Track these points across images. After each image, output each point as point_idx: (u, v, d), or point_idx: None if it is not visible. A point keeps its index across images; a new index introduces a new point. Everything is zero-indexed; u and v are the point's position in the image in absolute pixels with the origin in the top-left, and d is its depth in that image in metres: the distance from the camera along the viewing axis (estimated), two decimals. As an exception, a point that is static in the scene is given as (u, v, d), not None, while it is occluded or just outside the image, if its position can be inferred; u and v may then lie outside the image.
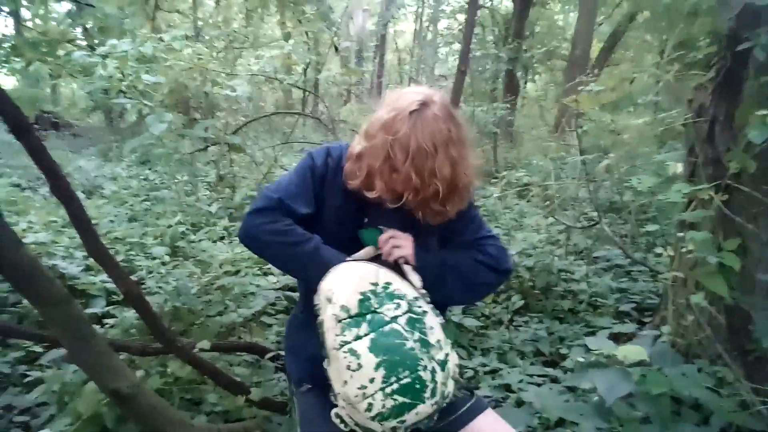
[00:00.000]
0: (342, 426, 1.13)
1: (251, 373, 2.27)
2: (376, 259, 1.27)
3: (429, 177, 1.16)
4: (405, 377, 1.08)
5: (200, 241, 3.87)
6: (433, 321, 1.18)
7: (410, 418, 1.09)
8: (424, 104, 1.18)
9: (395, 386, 1.07)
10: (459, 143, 1.21)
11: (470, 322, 3.04)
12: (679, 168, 2.22)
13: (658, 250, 3.47)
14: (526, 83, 14.31)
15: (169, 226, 3.96)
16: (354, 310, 1.12)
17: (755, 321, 1.93)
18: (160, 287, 2.58)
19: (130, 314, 2.42)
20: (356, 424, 1.11)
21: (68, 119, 12.50)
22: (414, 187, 1.18)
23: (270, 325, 2.72)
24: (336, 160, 1.34)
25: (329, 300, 1.14)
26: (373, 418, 1.07)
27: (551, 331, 3.14)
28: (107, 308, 2.91)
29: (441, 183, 1.18)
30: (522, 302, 3.35)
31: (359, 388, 1.06)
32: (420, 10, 17.23)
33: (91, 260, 3.32)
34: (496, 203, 5.62)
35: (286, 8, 10.25)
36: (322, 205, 1.33)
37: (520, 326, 3.21)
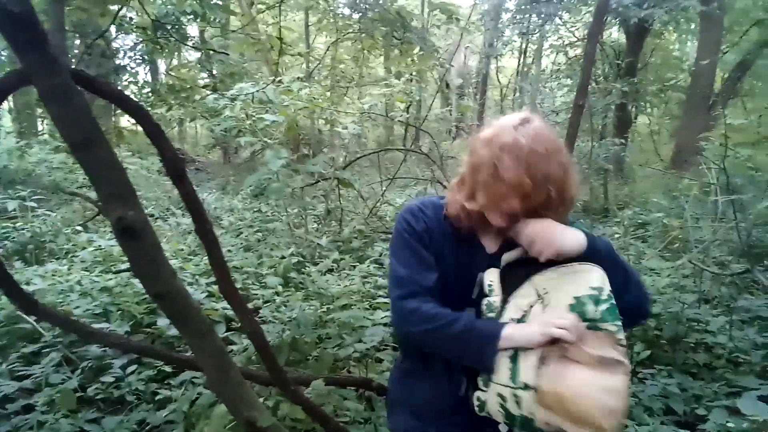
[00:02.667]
0: (479, 410, 1.17)
1: (364, 408, 2.26)
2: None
3: (542, 180, 1.10)
4: None
5: (311, 273, 4.00)
6: None
7: None
8: (526, 119, 1.16)
9: None
10: (565, 153, 1.17)
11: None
12: None
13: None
14: (636, 117, 13.60)
15: (283, 257, 4.13)
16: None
17: None
18: (275, 316, 2.68)
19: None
20: (505, 411, 1.11)
21: (192, 156, 13.77)
22: (524, 192, 1.11)
23: (381, 361, 2.72)
24: (431, 208, 1.30)
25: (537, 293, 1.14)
26: None
27: (683, 388, 2.83)
28: (227, 333, 3.10)
29: (554, 187, 1.11)
30: (647, 353, 3.07)
31: None
32: (524, 45, 17.11)
33: (213, 287, 3.57)
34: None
35: (392, 49, 10.65)
36: (436, 262, 1.25)
37: (646, 379, 2.93)
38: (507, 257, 1.19)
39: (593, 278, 1.11)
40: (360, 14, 8.72)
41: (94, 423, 2.32)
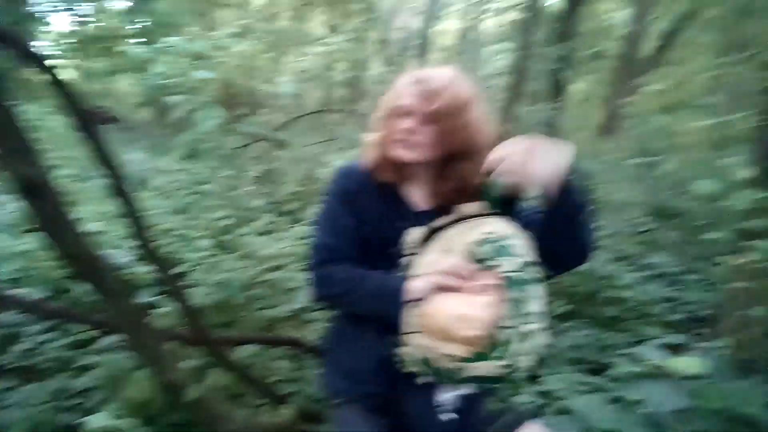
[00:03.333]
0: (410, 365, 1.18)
1: (292, 367, 2.29)
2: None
3: (446, 107, 1.14)
4: None
5: (245, 235, 3.93)
6: (536, 293, 1.12)
7: (473, 367, 1.09)
8: (429, 72, 1.20)
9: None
10: (477, 102, 1.20)
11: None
12: (745, 173, 2.11)
13: (716, 258, 3.31)
14: (572, 83, 13.97)
15: (214, 220, 4.04)
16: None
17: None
18: (204, 279, 2.63)
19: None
20: (427, 364, 1.13)
21: (119, 114, 13.00)
22: (425, 114, 1.16)
23: (311, 321, 2.74)
24: (355, 168, 1.32)
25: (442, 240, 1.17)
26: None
27: (596, 339, 3.04)
28: (157, 298, 3.01)
29: (454, 118, 1.16)
30: (566, 308, 3.26)
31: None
32: (465, 8, 17.05)
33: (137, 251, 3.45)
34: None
35: (333, 5, 10.36)
36: (359, 220, 1.29)
37: (564, 332, 3.12)
38: (435, 224, 1.21)
39: (486, 226, 1.15)
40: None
41: (10, 392, 2.23)
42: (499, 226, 1.16)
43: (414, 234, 1.22)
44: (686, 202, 3.05)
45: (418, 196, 1.30)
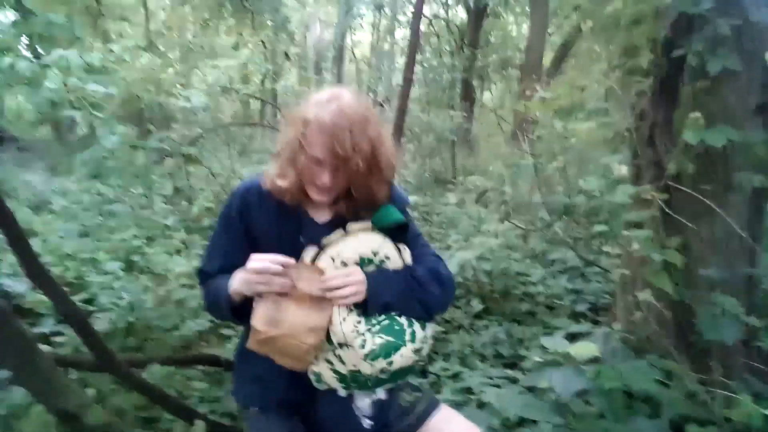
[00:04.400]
0: (317, 383, 1.25)
1: (211, 387, 2.22)
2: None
3: (348, 153, 1.14)
4: (383, 319, 1.21)
5: (156, 254, 3.77)
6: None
7: (396, 359, 1.18)
8: (335, 95, 1.20)
9: (377, 327, 1.19)
10: (375, 124, 1.23)
11: (431, 327, 3.08)
12: (624, 170, 2.32)
13: (609, 250, 3.60)
14: (482, 92, 14.60)
15: (123, 240, 3.84)
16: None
17: (698, 315, 2.02)
18: (114, 303, 2.50)
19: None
20: (338, 374, 1.20)
21: (14, 133, 11.98)
22: (333, 166, 1.18)
23: (229, 337, 2.68)
24: (254, 186, 1.32)
25: (330, 253, 1.22)
26: (365, 357, 1.16)
27: (511, 334, 3.20)
28: (57, 327, 2.81)
29: (362, 159, 1.16)
30: (482, 306, 3.41)
31: (354, 326, 1.17)
32: (377, 20, 17.37)
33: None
34: (455, 209, 5.71)
35: (241, 18, 10.16)
36: (257, 238, 1.30)
37: (481, 330, 3.26)
38: (326, 240, 1.24)
39: (373, 243, 1.27)
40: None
41: None
42: (382, 245, 1.26)
43: (309, 252, 1.24)
44: (579, 199, 3.30)
45: (320, 211, 1.33)
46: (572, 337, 2.85)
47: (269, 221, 1.29)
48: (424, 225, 5.19)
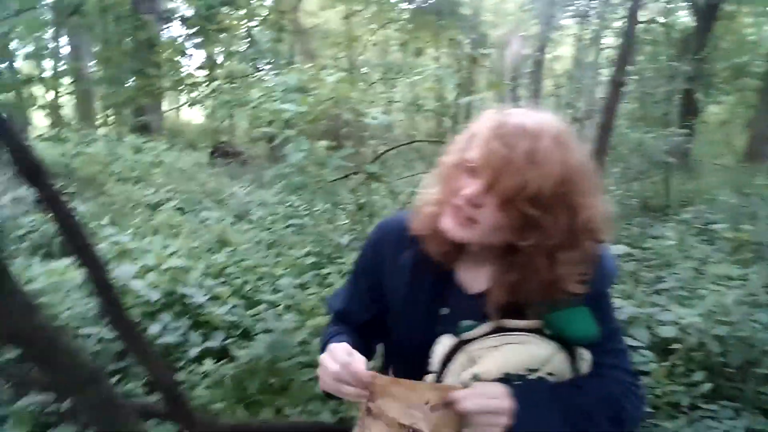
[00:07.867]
0: None
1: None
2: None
3: (522, 161, 0.75)
4: None
5: (328, 274, 3.71)
6: None
7: None
8: (515, 111, 0.81)
9: None
10: (581, 155, 0.80)
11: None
12: None
13: None
14: (706, 105, 12.51)
15: (297, 258, 3.87)
16: None
17: None
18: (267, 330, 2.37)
19: (244, 352, 2.25)
20: None
21: (241, 149, 13.80)
22: (492, 170, 0.77)
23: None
24: (396, 228, 1.00)
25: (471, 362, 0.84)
26: None
27: (753, 429, 2.33)
28: (225, 342, 2.82)
29: (546, 183, 0.76)
30: (710, 385, 2.57)
31: None
32: (580, 33, 16.16)
33: (218, 289, 3.31)
34: (669, 243, 4.72)
35: (440, 38, 10.21)
36: (386, 295, 0.99)
37: (708, 417, 2.43)
38: (467, 335, 0.86)
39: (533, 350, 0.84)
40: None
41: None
42: (549, 359, 0.81)
43: (443, 344, 0.87)
44: None
45: (473, 276, 0.92)
46: None
47: (403, 277, 0.92)
48: (627, 262, 4.29)
